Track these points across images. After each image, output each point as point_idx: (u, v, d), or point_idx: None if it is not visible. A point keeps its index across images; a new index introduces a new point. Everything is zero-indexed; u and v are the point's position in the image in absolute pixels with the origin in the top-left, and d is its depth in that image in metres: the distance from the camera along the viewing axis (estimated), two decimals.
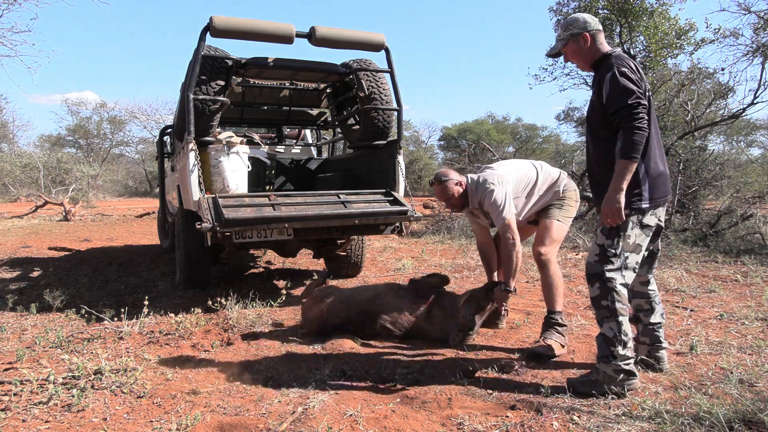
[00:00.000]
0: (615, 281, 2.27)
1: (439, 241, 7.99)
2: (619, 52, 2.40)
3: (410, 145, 38.21)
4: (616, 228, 2.28)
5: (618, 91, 2.22)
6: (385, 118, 4.68)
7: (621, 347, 2.26)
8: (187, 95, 3.72)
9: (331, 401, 2.23)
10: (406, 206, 4.04)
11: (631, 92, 2.20)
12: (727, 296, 4.09)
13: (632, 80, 2.24)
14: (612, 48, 2.42)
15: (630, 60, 2.34)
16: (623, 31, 11.25)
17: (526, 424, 2.00)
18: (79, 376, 2.47)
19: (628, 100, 2.19)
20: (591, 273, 2.34)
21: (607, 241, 2.30)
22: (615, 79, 2.24)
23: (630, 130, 2.18)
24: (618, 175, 2.20)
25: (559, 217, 3.10)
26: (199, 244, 4.12)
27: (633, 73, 2.29)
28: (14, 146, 30.29)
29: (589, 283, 2.36)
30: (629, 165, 2.18)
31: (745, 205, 8.26)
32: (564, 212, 3.12)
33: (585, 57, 2.45)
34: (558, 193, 3.14)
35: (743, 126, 23.52)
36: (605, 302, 2.29)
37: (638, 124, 2.18)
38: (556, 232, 3.05)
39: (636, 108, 2.19)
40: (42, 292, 4.37)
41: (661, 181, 2.33)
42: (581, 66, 2.53)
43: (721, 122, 10.68)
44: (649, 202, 2.29)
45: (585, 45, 2.42)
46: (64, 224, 12.04)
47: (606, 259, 2.30)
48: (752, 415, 1.91)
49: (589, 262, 2.37)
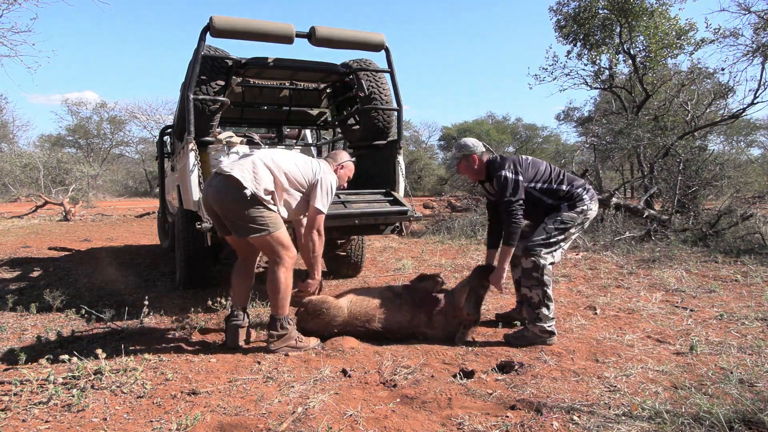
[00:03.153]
0: (546, 260, 2.96)
1: (439, 241, 7.99)
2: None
3: (410, 145, 38.23)
4: (564, 224, 3.02)
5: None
6: (385, 118, 4.68)
7: (545, 309, 2.94)
8: (187, 95, 3.72)
9: (331, 401, 2.23)
10: (406, 206, 4.04)
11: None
12: (727, 296, 4.09)
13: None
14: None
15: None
16: (623, 31, 11.25)
17: (526, 424, 2.00)
18: (79, 376, 2.48)
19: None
20: (530, 249, 2.97)
21: (554, 231, 3.00)
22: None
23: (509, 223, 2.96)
24: (504, 258, 3.01)
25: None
26: (199, 244, 4.12)
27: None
28: (14, 146, 30.32)
29: (524, 256, 3.00)
30: (510, 250, 2.99)
31: (745, 205, 8.26)
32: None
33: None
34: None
35: (743, 126, 23.54)
36: (535, 274, 2.96)
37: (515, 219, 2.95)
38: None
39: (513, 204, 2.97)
40: (42, 292, 4.37)
41: (585, 190, 3.12)
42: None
43: (721, 122, 10.69)
44: (586, 208, 3.09)
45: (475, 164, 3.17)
46: (64, 224, 12.05)
47: (547, 243, 2.99)
48: (752, 415, 1.91)
49: (533, 239, 3.00)
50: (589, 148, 11.53)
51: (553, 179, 3.14)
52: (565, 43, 12.49)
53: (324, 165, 3.11)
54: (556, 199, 3.11)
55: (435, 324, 3.11)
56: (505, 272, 3.05)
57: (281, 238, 2.87)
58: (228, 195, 2.79)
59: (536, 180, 3.12)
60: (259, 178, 2.83)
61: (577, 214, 3.08)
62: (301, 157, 3.09)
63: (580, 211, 3.08)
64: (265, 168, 2.89)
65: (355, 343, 2.99)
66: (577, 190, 3.12)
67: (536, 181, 3.12)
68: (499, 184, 3.02)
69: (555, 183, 3.14)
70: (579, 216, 3.08)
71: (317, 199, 2.94)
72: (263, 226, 2.80)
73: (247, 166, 2.86)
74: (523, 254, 3.04)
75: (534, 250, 3.00)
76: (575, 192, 3.11)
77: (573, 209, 3.08)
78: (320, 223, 2.99)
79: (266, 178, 2.86)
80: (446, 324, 3.10)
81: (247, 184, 2.77)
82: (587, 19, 11.65)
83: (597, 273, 5.18)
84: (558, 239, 3.03)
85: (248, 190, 2.76)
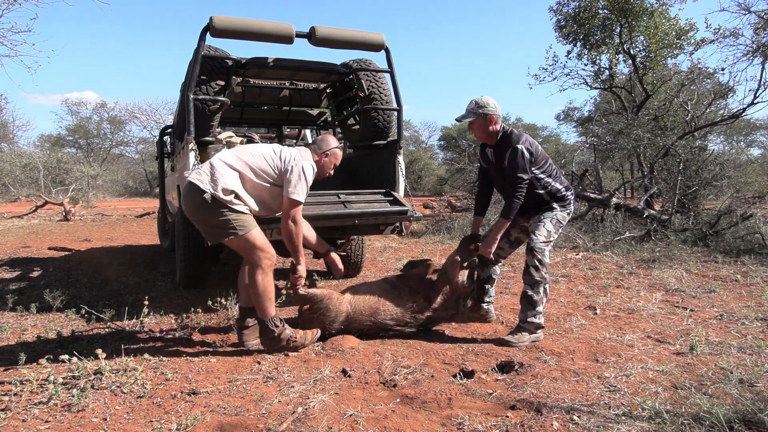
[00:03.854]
0: (546, 257, 3.06)
1: (439, 241, 7.99)
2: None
3: (410, 145, 38.23)
4: (560, 224, 3.14)
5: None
6: (385, 118, 4.68)
7: (541, 306, 3.06)
8: (187, 95, 3.72)
9: (331, 401, 2.23)
10: (406, 206, 4.03)
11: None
12: (727, 296, 4.09)
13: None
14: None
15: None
16: (623, 31, 11.25)
17: (526, 424, 1.99)
18: (79, 376, 2.48)
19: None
20: (535, 248, 3.05)
21: (552, 229, 3.10)
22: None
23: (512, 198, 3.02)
24: (498, 229, 3.10)
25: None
26: (199, 244, 4.12)
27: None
28: (14, 146, 30.33)
29: (530, 253, 3.05)
30: (506, 223, 3.08)
31: (745, 205, 8.27)
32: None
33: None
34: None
35: (743, 126, 23.56)
36: (539, 273, 3.03)
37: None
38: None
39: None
40: (42, 292, 4.37)
41: (572, 193, 3.27)
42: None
43: (721, 122, 10.69)
44: (572, 210, 3.25)
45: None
46: (64, 224, 12.05)
47: (548, 241, 3.08)
48: (752, 415, 1.90)
49: (536, 239, 3.07)
50: (589, 148, 11.53)
51: (553, 175, 3.18)
52: (565, 43, 12.50)
53: (298, 152, 2.95)
54: (551, 196, 3.16)
55: (436, 305, 3.17)
56: (496, 242, 3.13)
57: (254, 239, 2.76)
58: (191, 201, 2.74)
59: (543, 170, 3.14)
60: (216, 178, 2.72)
61: (567, 215, 3.21)
62: (268, 147, 2.98)
63: (569, 213, 3.23)
64: (225, 167, 2.78)
65: (355, 343, 2.98)
66: (568, 193, 3.22)
67: (542, 172, 3.14)
68: (514, 158, 2.99)
69: (555, 180, 3.17)
70: (568, 217, 3.22)
71: (289, 187, 2.80)
72: (232, 229, 2.72)
73: (205, 168, 2.79)
74: (528, 253, 3.07)
75: (538, 250, 3.04)
76: (566, 194, 3.21)
77: (564, 210, 3.19)
78: (296, 213, 2.83)
79: (225, 178, 2.74)
80: (446, 302, 3.17)
81: (204, 187, 2.69)
82: (587, 19, 11.65)
83: (597, 273, 5.18)
84: (554, 238, 3.13)
85: (207, 194, 2.68)
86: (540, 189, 3.13)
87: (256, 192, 2.86)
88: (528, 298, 3.06)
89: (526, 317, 3.05)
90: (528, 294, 3.06)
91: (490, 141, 3.19)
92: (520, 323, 3.08)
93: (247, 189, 2.83)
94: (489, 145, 3.24)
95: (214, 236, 2.78)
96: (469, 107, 3.13)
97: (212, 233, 2.77)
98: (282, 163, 2.87)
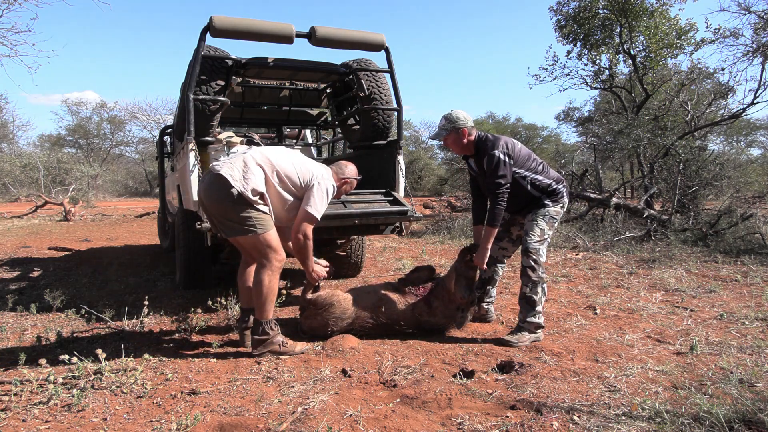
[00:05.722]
0: (542, 256, 3.06)
1: (439, 241, 8.00)
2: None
3: (410, 145, 38.20)
4: (553, 219, 3.12)
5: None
6: (385, 118, 4.68)
7: (540, 306, 3.06)
8: (187, 95, 3.72)
9: (331, 401, 2.23)
10: (406, 206, 4.03)
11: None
12: (727, 296, 4.09)
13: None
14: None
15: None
16: (623, 31, 11.25)
17: (526, 424, 1.99)
18: (79, 376, 2.48)
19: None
20: (530, 249, 3.05)
21: (546, 227, 3.08)
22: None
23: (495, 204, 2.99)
24: (487, 238, 3.06)
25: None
26: (199, 244, 4.12)
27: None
28: (14, 146, 30.33)
29: (525, 255, 3.07)
30: (493, 231, 3.05)
31: (745, 205, 8.28)
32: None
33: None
34: None
35: (743, 126, 23.55)
36: (536, 273, 3.04)
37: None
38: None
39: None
40: (42, 292, 4.37)
41: (564, 185, 3.24)
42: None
43: (721, 122, 10.70)
44: (566, 202, 3.24)
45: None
46: (64, 224, 12.04)
47: (542, 240, 3.08)
48: (752, 415, 1.90)
49: (530, 239, 3.06)
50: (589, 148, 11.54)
51: (539, 171, 3.17)
52: (565, 43, 12.51)
53: (327, 171, 2.98)
54: (540, 191, 3.16)
55: (435, 311, 3.20)
56: (488, 252, 3.09)
57: (270, 239, 2.76)
58: (215, 193, 2.71)
59: (526, 168, 3.12)
60: (248, 177, 2.71)
61: (561, 209, 3.19)
62: (301, 157, 2.98)
63: (562, 206, 3.20)
64: (257, 166, 2.77)
65: (355, 343, 2.99)
66: (559, 186, 3.19)
67: (527, 170, 3.12)
68: (491, 164, 2.99)
69: (542, 175, 3.16)
70: (562, 211, 3.20)
71: (310, 203, 2.79)
72: (251, 226, 2.71)
73: (238, 164, 2.76)
74: (523, 254, 3.08)
75: (533, 250, 3.05)
76: (557, 187, 3.18)
77: (557, 204, 3.17)
78: (308, 228, 2.80)
79: (257, 178, 2.73)
80: (445, 309, 3.19)
81: (235, 183, 2.67)
82: (587, 19, 11.66)
83: (597, 273, 5.18)
84: (548, 235, 3.12)
85: (235, 189, 2.66)
86: (528, 186, 3.12)
87: (274, 198, 2.85)
88: (527, 298, 3.06)
89: (526, 317, 3.06)
90: (526, 294, 3.07)
91: (468, 152, 3.21)
92: (520, 323, 3.09)
93: (268, 192, 2.82)
94: (470, 156, 3.25)
95: (230, 230, 2.75)
96: (441, 124, 3.17)
97: (229, 227, 2.74)
98: (311, 177, 2.86)
